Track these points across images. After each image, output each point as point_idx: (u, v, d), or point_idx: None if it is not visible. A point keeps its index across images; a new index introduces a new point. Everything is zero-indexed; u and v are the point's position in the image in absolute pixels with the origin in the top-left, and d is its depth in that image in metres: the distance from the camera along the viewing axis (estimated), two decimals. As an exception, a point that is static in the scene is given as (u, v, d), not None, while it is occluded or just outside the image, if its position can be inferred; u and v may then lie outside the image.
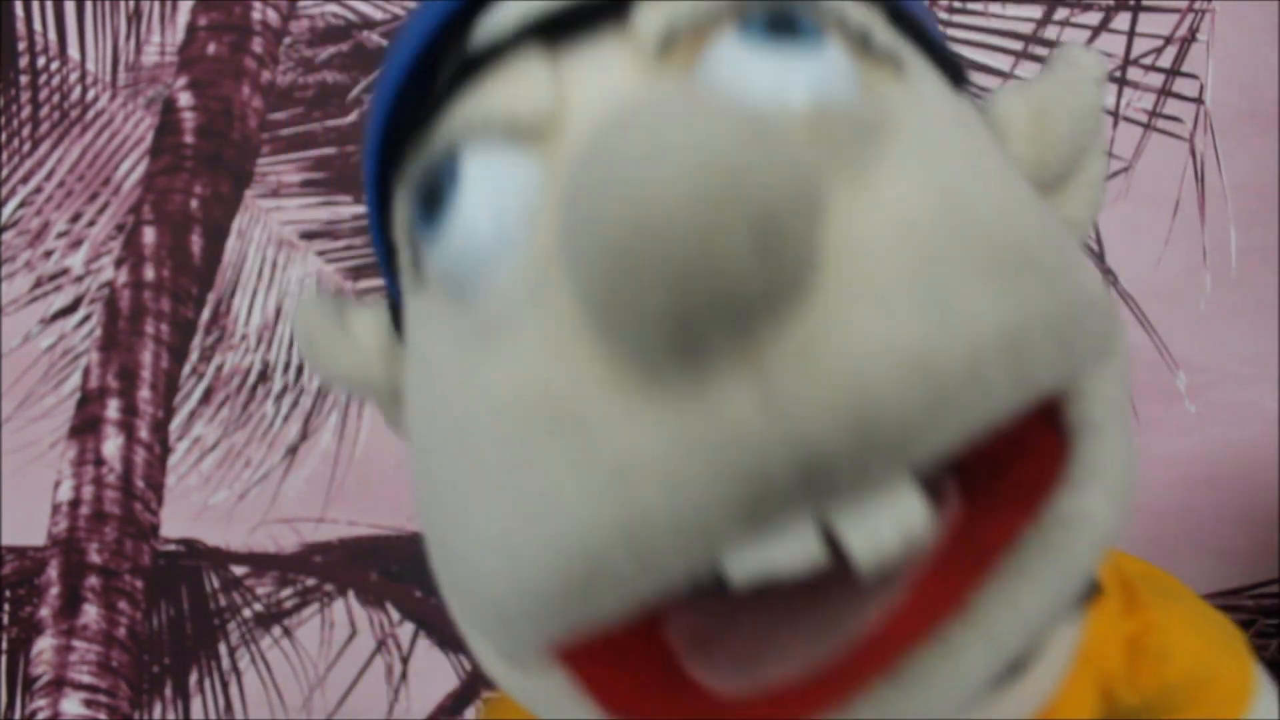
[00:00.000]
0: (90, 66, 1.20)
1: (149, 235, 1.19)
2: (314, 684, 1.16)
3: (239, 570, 1.18)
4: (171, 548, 1.19)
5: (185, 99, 1.20)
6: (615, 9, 0.32)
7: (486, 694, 1.15)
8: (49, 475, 1.18)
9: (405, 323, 0.36)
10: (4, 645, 1.18)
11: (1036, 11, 1.07)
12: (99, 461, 1.17)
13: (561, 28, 0.32)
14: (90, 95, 1.21)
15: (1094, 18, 1.06)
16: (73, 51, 1.21)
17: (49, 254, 1.21)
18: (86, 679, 1.15)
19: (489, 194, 0.31)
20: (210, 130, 1.20)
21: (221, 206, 1.20)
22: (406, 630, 1.17)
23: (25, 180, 1.20)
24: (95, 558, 1.16)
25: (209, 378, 1.20)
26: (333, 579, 1.18)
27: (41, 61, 1.21)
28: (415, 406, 0.34)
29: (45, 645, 1.16)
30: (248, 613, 1.18)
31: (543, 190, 0.30)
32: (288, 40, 1.21)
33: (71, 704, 1.15)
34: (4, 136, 1.20)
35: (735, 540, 0.28)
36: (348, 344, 0.41)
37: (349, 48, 1.19)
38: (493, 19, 0.34)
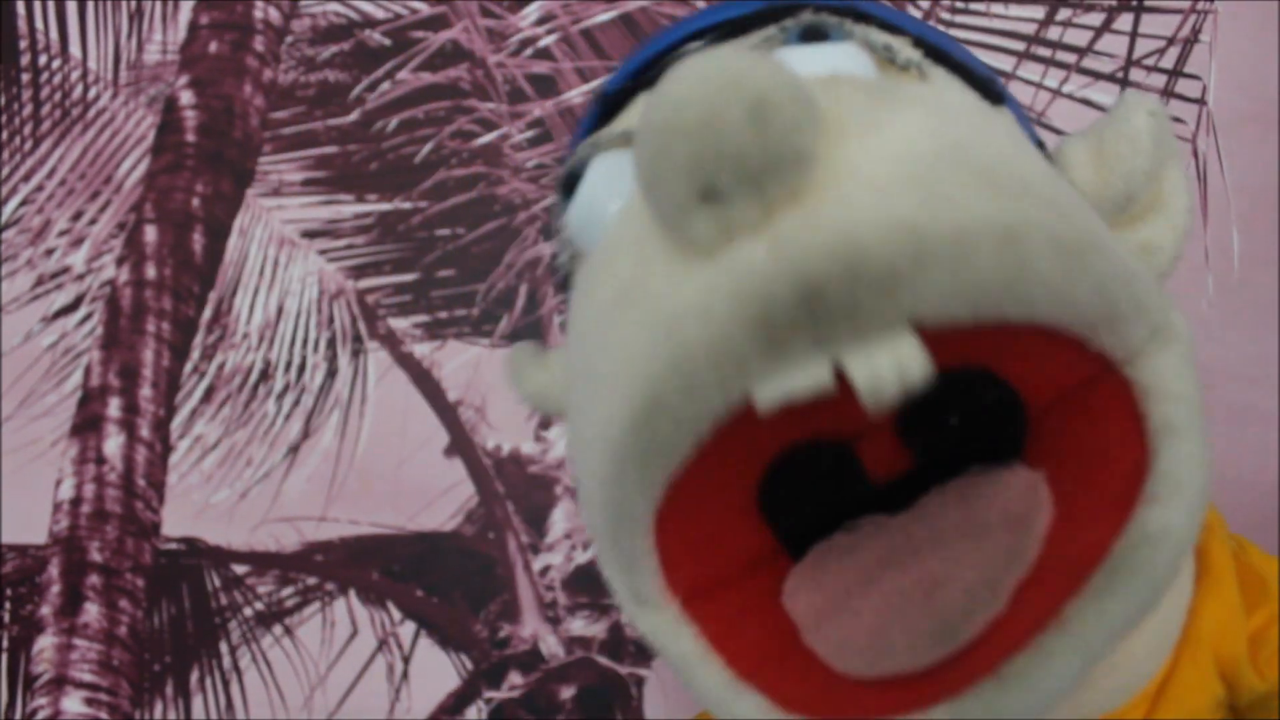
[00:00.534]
0: (92, 65, 1.20)
1: (150, 233, 1.19)
2: (315, 683, 1.16)
3: (240, 569, 1.18)
4: (173, 546, 1.19)
5: (187, 97, 1.20)
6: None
7: (489, 694, 1.15)
8: (50, 473, 1.18)
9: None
10: (5, 643, 1.18)
11: (1039, 12, 1.07)
12: (100, 460, 1.17)
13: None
14: (92, 93, 1.21)
15: (1096, 18, 1.06)
16: (74, 50, 1.21)
17: (50, 252, 1.21)
18: (88, 677, 1.15)
19: (608, 179, 0.44)
20: (212, 129, 1.20)
21: (223, 205, 1.20)
22: (408, 629, 1.17)
23: (27, 178, 1.20)
24: (96, 556, 1.16)
25: (210, 376, 1.20)
26: (334, 578, 1.18)
27: (43, 60, 1.21)
28: (571, 320, 0.44)
29: (46, 643, 1.16)
30: (249, 611, 1.18)
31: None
32: (289, 39, 1.21)
33: (72, 702, 1.15)
34: (6, 134, 1.20)
35: (759, 366, 0.35)
36: (541, 369, 0.51)
37: (350, 46, 1.19)
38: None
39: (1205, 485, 0.38)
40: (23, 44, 1.20)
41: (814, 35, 0.43)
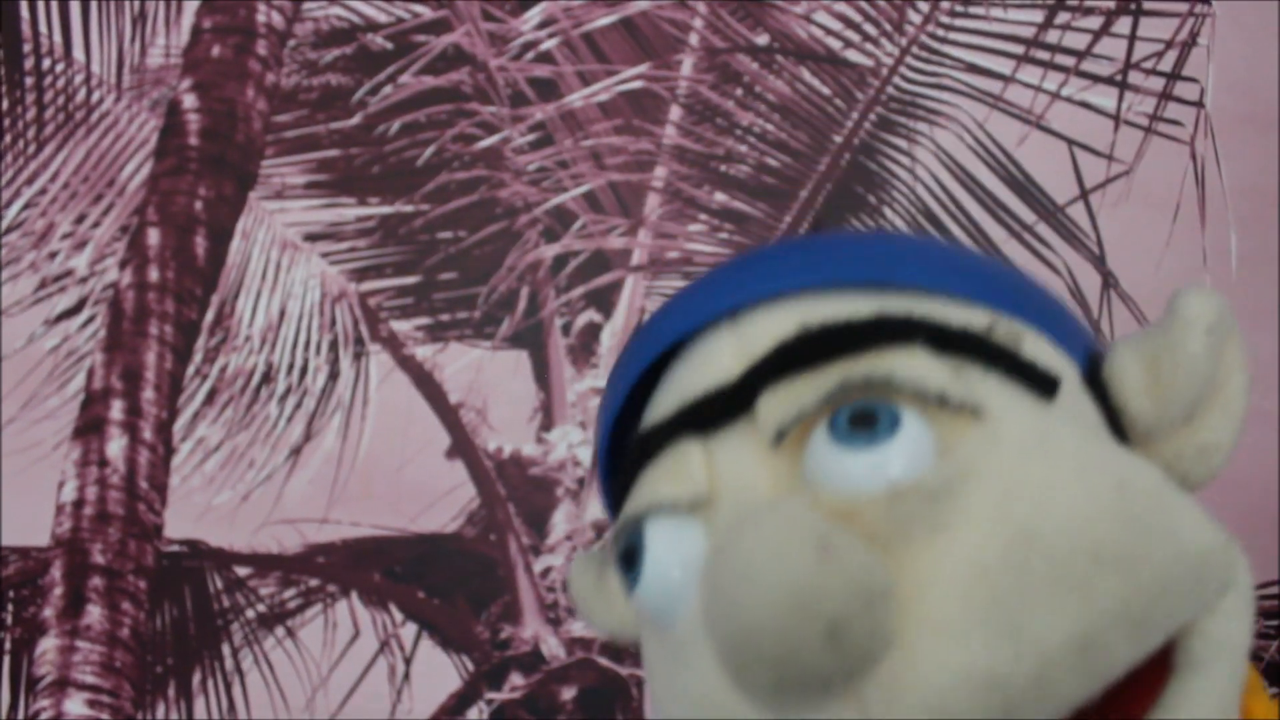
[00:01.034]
0: (95, 69, 1.21)
1: (153, 237, 1.19)
2: (317, 684, 1.16)
3: (242, 571, 1.18)
4: (175, 548, 1.19)
5: (190, 101, 1.20)
6: (744, 398, 0.42)
7: (490, 695, 1.15)
8: (53, 476, 1.19)
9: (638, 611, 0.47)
10: (7, 645, 1.18)
11: (1038, 15, 1.08)
12: (103, 462, 1.17)
13: (706, 414, 0.42)
14: (95, 97, 1.21)
15: (1095, 22, 1.07)
16: (78, 54, 1.21)
17: (53, 255, 1.21)
18: (90, 679, 1.15)
19: (668, 552, 0.42)
20: (214, 132, 1.20)
21: (225, 208, 1.20)
22: (409, 631, 1.18)
23: (30, 182, 1.21)
24: (99, 558, 1.16)
25: (213, 379, 1.20)
26: (336, 580, 1.18)
27: (47, 64, 1.21)
28: (649, 685, 0.44)
29: (49, 645, 1.16)
30: (251, 613, 1.19)
31: (706, 549, 0.40)
32: (292, 43, 1.21)
33: (75, 704, 1.15)
34: (9, 138, 1.20)
35: None
36: (609, 604, 0.50)
37: (353, 50, 1.20)
38: (668, 384, 0.44)
39: (1219, 714, 0.40)
40: (26, 48, 1.20)
41: (862, 420, 0.41)
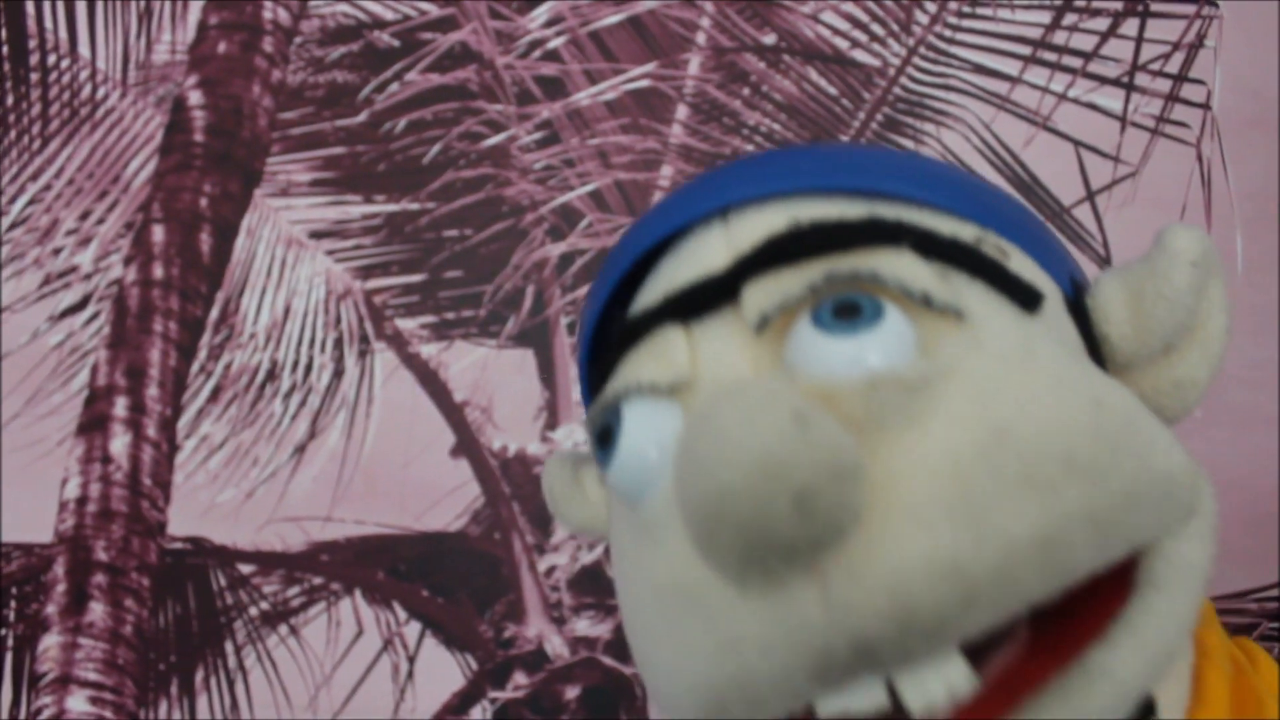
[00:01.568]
0: (101, 65, 1.20)
1: (158, 233, 1.19)
2: (320, 682, 1.16)
3: (246, 568, 1.18)
4: (178, 545, 1.19)
5: (195, 97, 1.20)
6: (731, 288, 0.44)
7: (493, 694, 1.15)
8: (56, 472, 1.19)
9: (609, 500, 0.49)
10: (10, 642, 1.18)
11: (1045, 17, 1.08)
12: (106, 459, 1.17)
13: (692, 303, 0.45)
14: (100, 93, 1.21)
15: (1102, 24, 1.07)
16: (83, 50, 1.21)
17: (58, 251, 1.21)
18: (92, 676, 1.15)
19: (644, 431, 0.44)
20: (220, 129, 1.20)
21: (231, 205, 1.20)
22: (413, 629, 1.18)
23: (35, 178, 1.20)
24: (102, 555, 1.16)
25: (217, 376, 1.20)
26: (339, 578, 1.18)
27: (52, 59, 1.21)
28: (616, 567, 0.47)
29: (51, 642, 1.16)
30: (254, 611, 1.18)
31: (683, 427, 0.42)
32: (298, 39, 1.21)
33: (77, 701, 1.15)
34: (14, 134, 1.20)
35: (817, 694, 0.39)
36: (582, 499, 0.53)
37: (359, 47, 1.20)
38: (657, 276, 0.47)
39: (1168, 637, 0.41)
40: (32, 44, 1.20)
41: (846, 311, 0.42)
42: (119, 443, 1.18)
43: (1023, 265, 0.47)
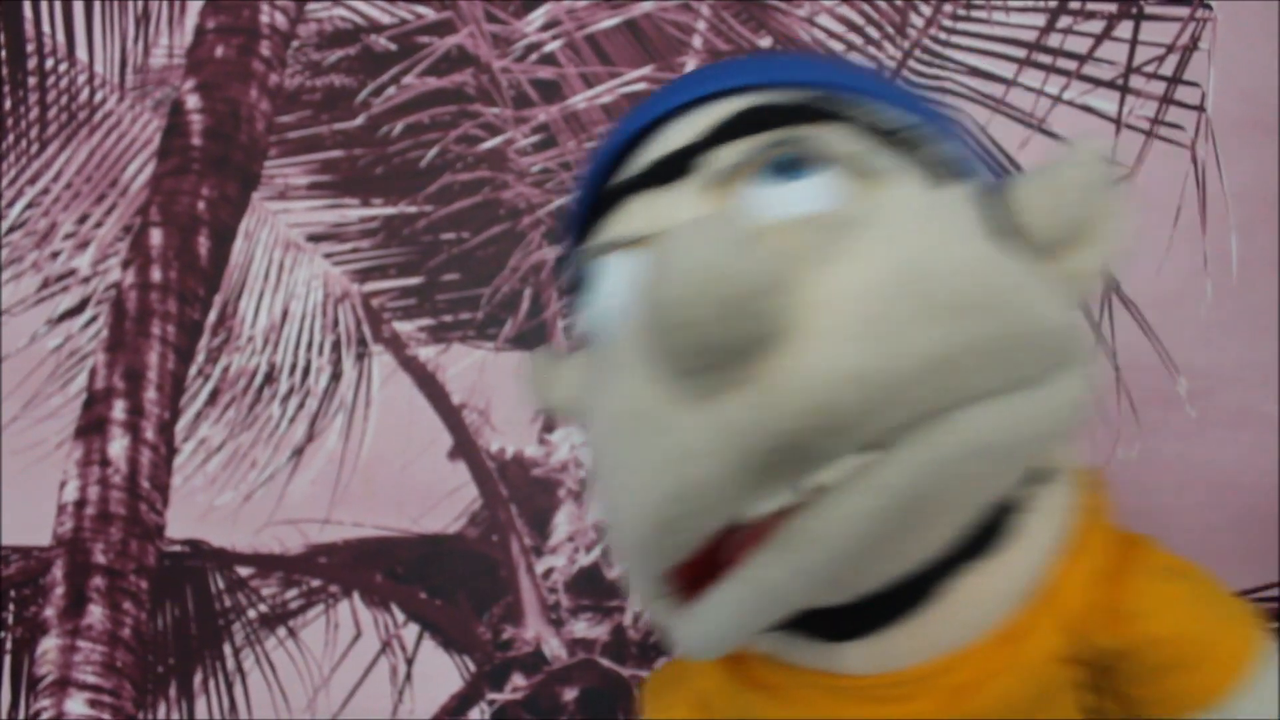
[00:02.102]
0: (98, 69, 1.21)
1: (156, 237, 1.20)
2: (318, 685, 1.16)
3: (244, 571, 1.18)
4: (177, 548, 1.19)
5: (193, 101, 1.21)
6: (690, 160, 0.52)
7: (491, 696, 1.16)
8: (55, 475, 1.19)
9: (586, 378, 0.55)
10: (9, 645, 1.18)
11: (1040, 19, 1.08)
12: (105, 462, 1.18)
13: (656, 175, 0.52)
14: (98, 97, 1.21)
15: (1097, 26, 1.07)
16: (81, 54, 1.21)
17: (56, 255, 1.21)
18: (91, 679, 1.15)
19: (613, 280, 0.52)
20: (218, 133, 1.20)
21: (228, 208, 1.20)
22: (411, 631, 1.18)
23: (33, 181, 1.21)
24: (100, 558, 1.16)
25: (215, 379, 1.20)
26: (338, 580, 1.18)
27: (50, 63, 1.21)
28: (589, 423, 0.53)
29: (50, 645, 1.16)
30: (252, 613, 1.19)
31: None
32: (295, 43, 1.21)
33: (76, 704, 1.15)
34: (12, 138, 1.20)
35: (748, 494, 0.46)
36: (560, 381, 0.60)
37: (356, 51, 1.20)
38: (631, 161, 0.55)
39: (1030, 432, 0.49)
40: (29, 47, 1.20)
41: (788, 166, 0.51)
42: (117, 446, 1.18)
43: (943, 149, 0.56)
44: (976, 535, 0.52)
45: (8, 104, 1.19)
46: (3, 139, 1.19)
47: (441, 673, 1.17)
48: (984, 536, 0.53)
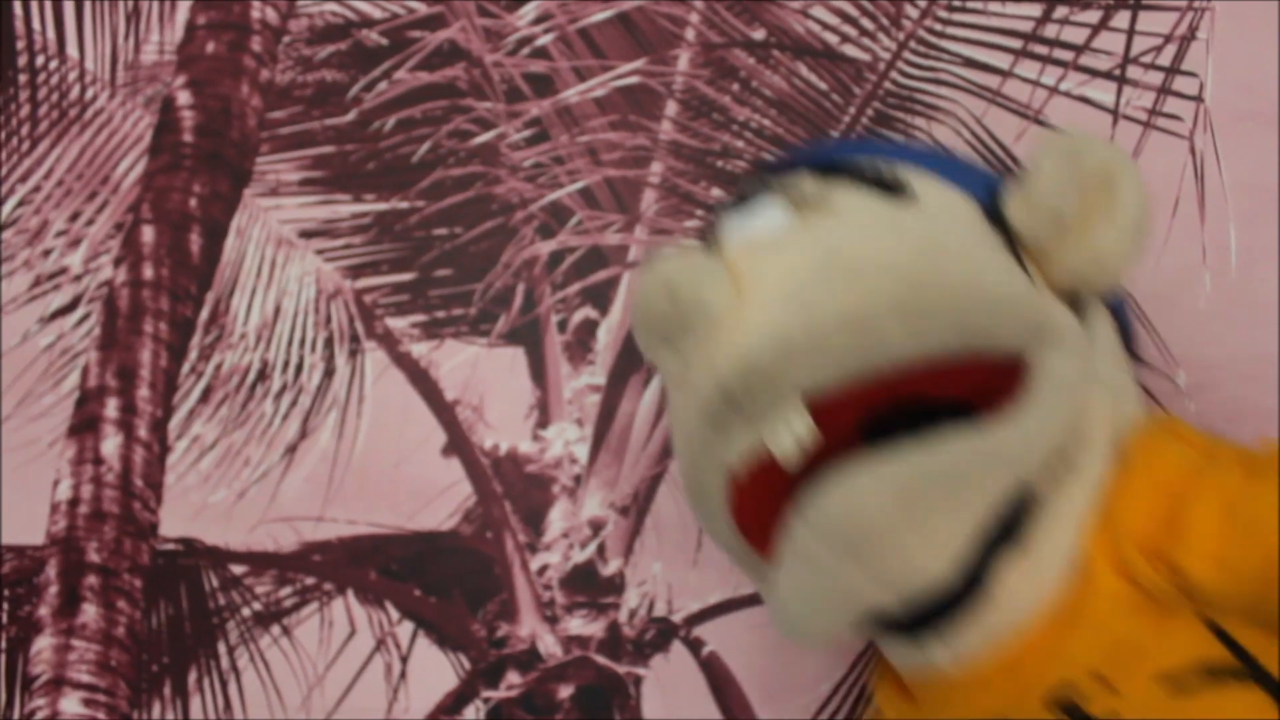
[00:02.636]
0: (89, 65, 1.20)
1: (148, 234, 1.19)
2: (313, 683, 1.16)
3: (238, 569, 1.18)
4: (170, 546, 1.19)
5: (184, 97, 1.20)
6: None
7: (486, 694, 1.15)
8: (48, 474, 1.19)
9: None
10: (3, 644, 1.18)
11: (1036, 10, 1.07)
12: (98, 460, 1.17)
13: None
14: (89, 94, 1.21)
15: (1094, 16, 1.06)
16: (71, 50, 1.21)
17: (47, 253, 1.21)
18: (85, 678, 1.15)
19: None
20: (209, 129, 1.20)
21: (220, 205, 1.20)
22: (406, 629, 1.18)
23: (24, 179, 1.20)
24: (94, 557, 1.16)
25: (208, 376, 1.20)
26: (332, 578, 1.18)
27: (40, 60, 1.21)
28: None
29: (44, 644, 1.16)
30: (246, 612, 1.18)
31: None
32: (287, 39, 1.21)
33: (70, 703, 1.15)
34: (3, 135, 1.20)
35: (716, 445, 0.61)
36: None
37: (348, 46, 1.19)
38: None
39: (1038, 432, 0.58)
40: (19, 44, 1.20)
41: (745, 199, 0.67)
42: (110, 444, 1.18)
43: (902, 172, 0.66)
44: (1011, 518, 0.59)
45: (-2, 101, 1.18)
46: (-6, 136, 1.19)
47: (436, 670, 1.16)
48: (1017, 519, 0.60)
